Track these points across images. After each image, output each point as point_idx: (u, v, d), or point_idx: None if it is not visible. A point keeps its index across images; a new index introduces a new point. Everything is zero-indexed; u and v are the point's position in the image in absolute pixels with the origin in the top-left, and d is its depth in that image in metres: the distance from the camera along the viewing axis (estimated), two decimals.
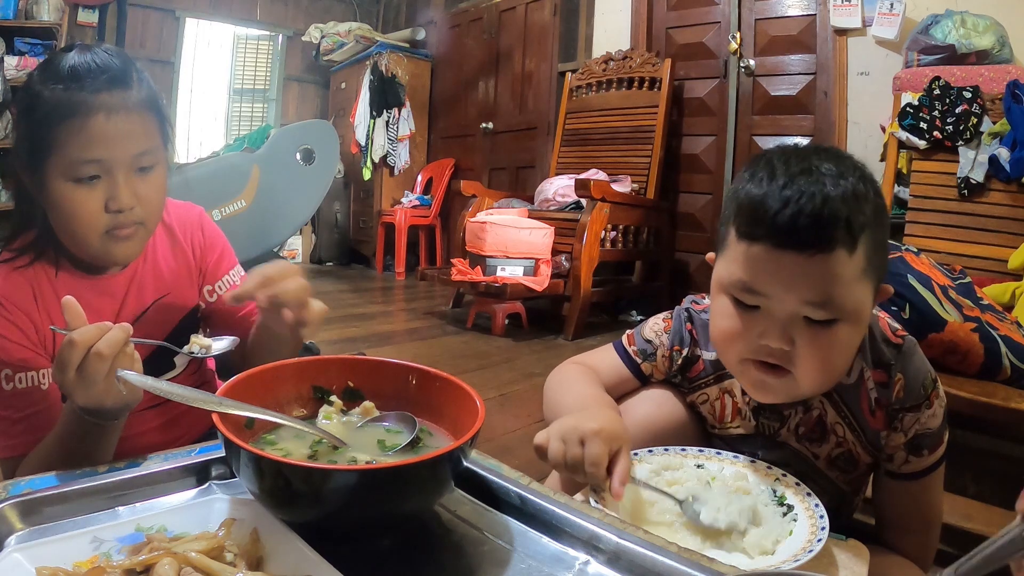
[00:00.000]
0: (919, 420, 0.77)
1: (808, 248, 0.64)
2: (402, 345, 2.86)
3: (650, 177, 3.35)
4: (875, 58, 2.82)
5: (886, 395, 0.77)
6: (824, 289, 0.66)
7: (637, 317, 3.45)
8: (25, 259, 0.83)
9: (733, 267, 0.71)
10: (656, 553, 0.52)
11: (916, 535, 0.81)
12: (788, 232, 0.65)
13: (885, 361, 0.78)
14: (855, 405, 0.79)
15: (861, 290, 0.68)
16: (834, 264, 0.65)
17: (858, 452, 0.80)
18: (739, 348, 0.73)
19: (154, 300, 0.91)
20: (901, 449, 0.78)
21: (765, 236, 0.66)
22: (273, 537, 0.50)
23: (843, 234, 0.64)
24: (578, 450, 0.69)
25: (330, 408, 0.67)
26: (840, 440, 0.80)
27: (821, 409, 0.80)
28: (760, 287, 0.68)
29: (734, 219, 0.71)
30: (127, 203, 0.79)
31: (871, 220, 0.67)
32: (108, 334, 0.63)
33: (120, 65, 0.79)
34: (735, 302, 0.72)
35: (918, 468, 0.78)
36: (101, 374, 0.63)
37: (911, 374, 0.77)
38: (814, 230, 0.64)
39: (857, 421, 0.79)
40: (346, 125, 4.83)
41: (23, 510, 0.55)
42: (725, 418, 0.86)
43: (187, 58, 5.14)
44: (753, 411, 0.83)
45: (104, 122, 0.75)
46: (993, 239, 1.82)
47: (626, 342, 0.92)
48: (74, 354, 0.62)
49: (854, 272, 0.66)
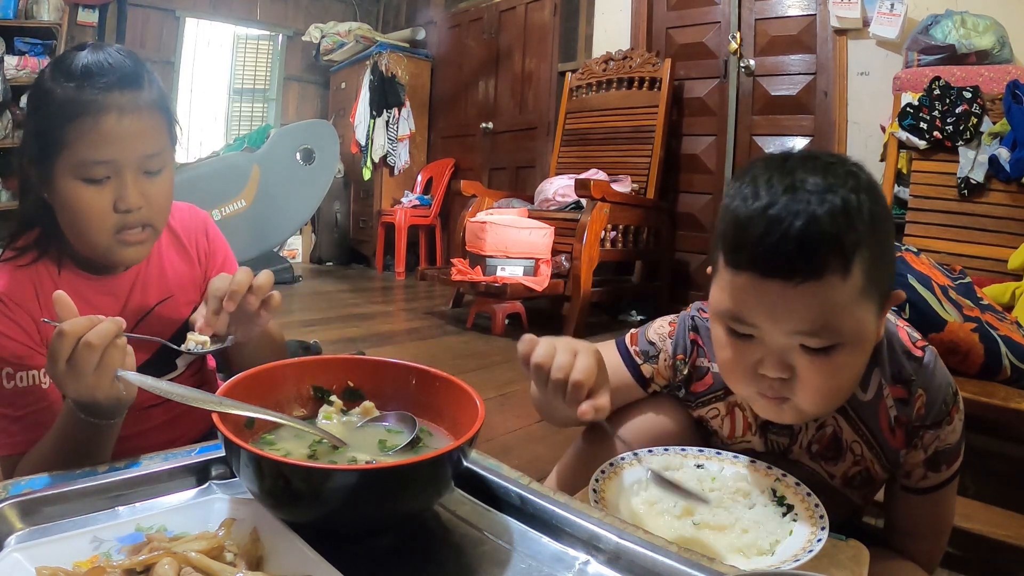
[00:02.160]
0: (939, 437, 0.74)
1: (795, 277, 0.60)
2: (402, 345, 2.86)
3: (650, 177, 3.35)
4: (875, 58, 2.82)
5: (906, 412, 0.74)
6: (816, 319, 0.61)
7: (637, 317, 3.45)
8: (28, 257, 0.83)
9: (723, 296, 0.67)
10: (656, 553, 0.52)
11: (927, 540, 0.80)
12: (772, 260, 0.60)
13: (905, 377, 0.74)
14: (873, 423, 0.76)
15: (861, 312, 0.64)
16: (826, 291, 0.60)
17: (876, 470, 0.78)
18: (740, 379, 0.70)
19: (157, 302, 0.91)
20: (920, 466, 0.75)
21: (748, 265, 0.63)
22: (273, 537, 0.50)
23: (834, 258, 0.60)
24: (568, 357, 0.66)
25: (330, 408, 0.67)
26: (858, 458, 0.77)
27: (836, 426, 0.77)
28: (749, 318, 0.65)
29: (721, 242, 0.67)
30: (135, 203, 0.79)
31: (867, 234, 0.61)
32: (99, 326, 0.63)
33: (132, 65, 0.79)
34: (729, 331, 0.68)
35: (935, 483, 0.76)
36: (91, 365, 0.62)
37: (933, 390, 0.73)
38: (801, 257, 0.59)
39: (876, 439, 0.76)
40: (346, 125, 4.83)
41: (23, 510, 0.55)
42: (736, 433, 0.83)
43: (187, 58, 5.13)
44: (760, 427, 0.81)
45: (116, 122, 0.76)
46: (993, 239, 1.82)
47: (629, 341, 0.89)
48: (64, 344, 0.62)
49: (850, 295, 0.62)
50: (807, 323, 0.62)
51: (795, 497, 0.70)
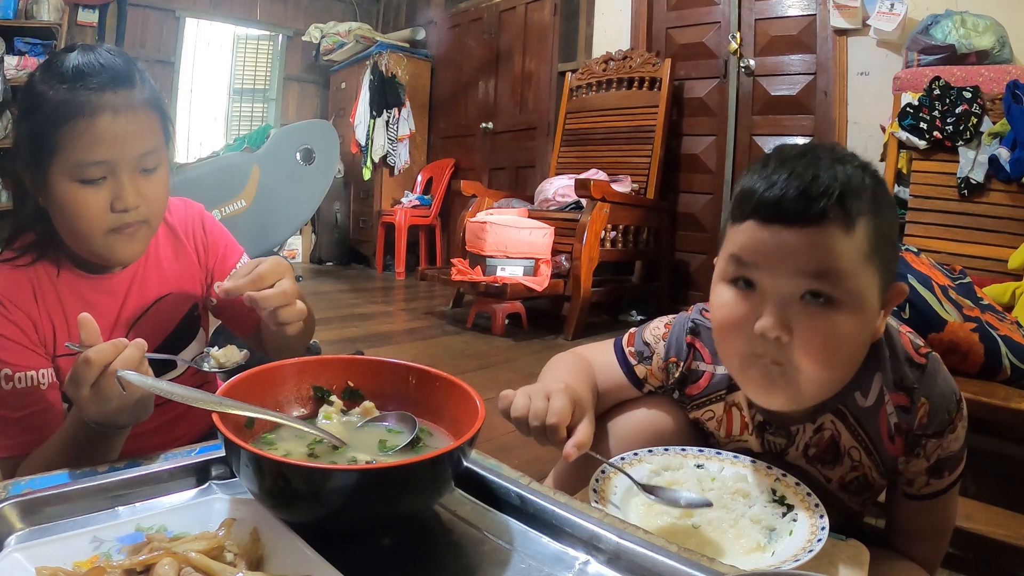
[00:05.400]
0: (942, 445, 0.73)
1: (797, 221, 0.62)
2: (402, 345, 2.86)
3: (650, 177, 3.35)
4: (875, 58, 2.82)
5: (907, 420, 0.73)
6: (819, 260, 0.62)
7: (637, 317, 3.45)
8: (28, 258, 0.83)
9: (728, 248, 0.69)
10: (656, 553, 0.52)
11: (928, 542, 0.79)
12: (775, 206, 0.63)
13: (908, 385, 0.73)
14: (873, 430, 0.75)
15: (863, 277, 0.64)
16: (828, 237, 0.62)
17: (873, 477, 0.77)
18: (738, 343, 0.69)
19: (156, 299, 0.91)
20: (923, 474, 0.75)
21: (753, 212, 0.65)
22: (273, 537, 0.50)
23: (834, 209, 0.62)
24: (543, 403, 0.69)
25: (330, 408, 0.66)
26: (855, 464, 0.77)
27: (834, 431, 0.76)
28: (752, 258, 0.66)
29: (729, 212, 0.70)
30: (132, 203, 0.79)
31: (871, 208, 0.64)
32: (124, 353, 0.63)
33: (124, 64, 0.79)
34: (731, 283, 0.69)
35: (938, 489, 0.75)
36: (117, 392, 0.63)
37: (936, 399, 0.73)
38: (802, 202, 0.62)
39: (874, 446, 0.75)
40: (346, 125, 4.83)
41: (23, 510, 0.55)
42: (733, 433, 0.83)
43: (187, 58, 5.13)
44: (758, 427, 0.80)
45: (110, 122, 0.75)
46: (993, 239, 1.82)
47: (626, 341, 0.90)
48: (90, 372, 0.62)
49: (853, 252, 0.63)
50: (810, 265, 0.63)
51: (795, 497, 0.70)
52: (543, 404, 0.69)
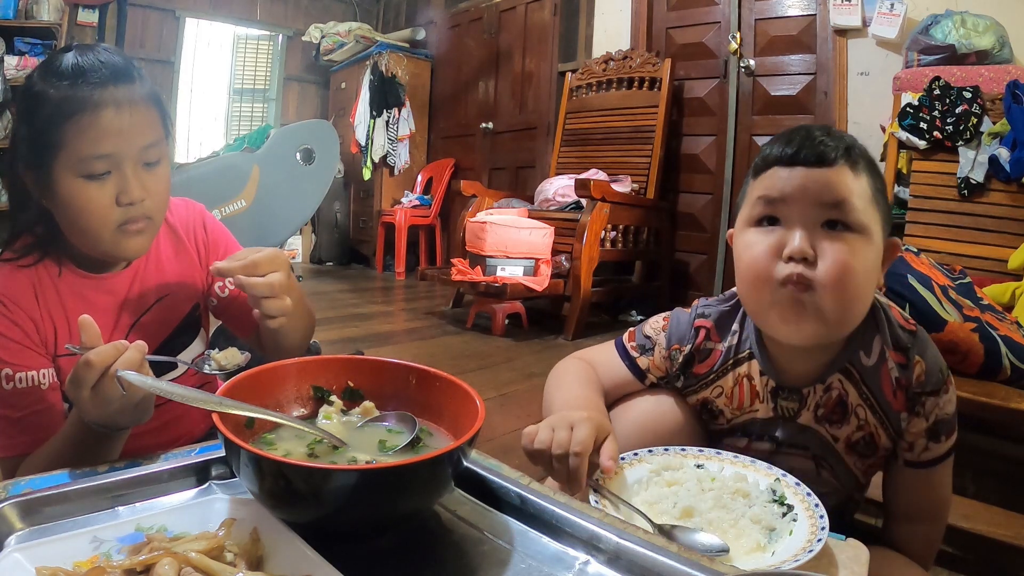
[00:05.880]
0: (939, 404, 0.79)
1: (816, 163, 0.74)
2: (402, 345, 2.86)
3: (650, 177, 3.35)
4: (875, 58, 2.82)
5: (906, 376, 0.80)
6: (835, 192, 0.73)
7: (637, 317, 3.45)
8: (30, 259, 0.83)
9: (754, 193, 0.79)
10: (656, 553, 0.52)
11: (923, 525, 0.83)
12: (795, 153, 0.75)
13: (903, 344, 0.81)
14: (876, 386, 0.81)
15: (869, 215, 0.75)
16: (841, 175, 0.74)
17: (879, 435, 0.82)
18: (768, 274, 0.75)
19: (157, 299, 0.91)
20: (922, 436, 0.80)
21: (776, 160, 0.77)
22: (273, 537, 0.50)
23: (844, 155, 0.74)
24: (566, 434, 0.70)
25: (330, 408, 0.66)
26: (862, 423, 0.82)
27: (842, 390, 0.82)
28: (777, 193, 0.76)
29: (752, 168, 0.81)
30: (137, 195, 0.79)
31: (868, 167, 0.76)
32: (125, 355, 0.63)
33: (122, 61, 0.80)
34: (757, 225, 0.78)
35: (935, 455, 0.80)
36: (118, 394, 0.63)
37: (930, 358, 0.80)
38: (817, 149, 0.74)
39: (879, 402, 0.81)
40: (346, 125, 4.83)
41: (23, 510, 0.55)
42: (744, 403, 0.86)
43: (187, 58, 5.13)
44: (772, 392, 0.84)
45: (113, 115, 0.76)
46: (993, 239, 1.82)
47: (627, 339, 0.94)
48: (91, 374, 0.62)
49: (861, 191, 0.74)
50: (828, 196, 0.74)
51: (795, 497, 0.70)
52: (567, 435, 0.71)
